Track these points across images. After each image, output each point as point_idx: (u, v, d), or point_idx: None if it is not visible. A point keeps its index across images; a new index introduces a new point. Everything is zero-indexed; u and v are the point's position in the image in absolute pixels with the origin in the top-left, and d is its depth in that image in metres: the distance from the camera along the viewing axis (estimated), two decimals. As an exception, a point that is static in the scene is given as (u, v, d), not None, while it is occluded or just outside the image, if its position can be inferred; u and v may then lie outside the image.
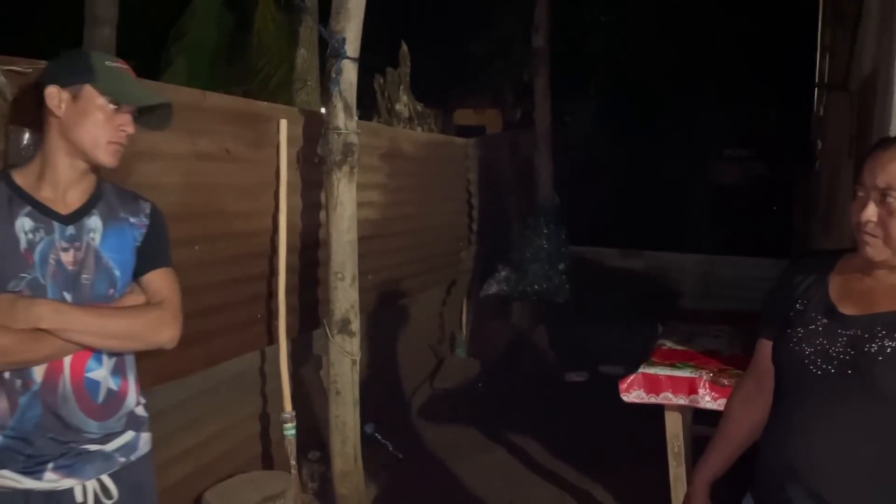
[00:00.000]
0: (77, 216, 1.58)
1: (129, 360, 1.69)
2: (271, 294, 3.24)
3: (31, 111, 1.68)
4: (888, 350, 1.33)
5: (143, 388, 1.79)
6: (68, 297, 1.54)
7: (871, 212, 1.37)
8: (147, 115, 1.69)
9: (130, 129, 1.62)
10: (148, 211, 1.72)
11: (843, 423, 1.36)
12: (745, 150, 9.93)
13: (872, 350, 1.34)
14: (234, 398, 3.21)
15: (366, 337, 3.75)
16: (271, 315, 3.25)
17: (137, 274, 1.68)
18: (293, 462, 3.16)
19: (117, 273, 1.62)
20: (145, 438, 1.73)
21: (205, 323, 2.86)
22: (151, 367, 2.48)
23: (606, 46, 10.10)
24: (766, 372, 1.60)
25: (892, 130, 2.33)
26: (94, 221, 1.60)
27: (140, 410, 1.72)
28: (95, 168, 1.61)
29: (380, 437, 4.11)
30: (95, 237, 1.59)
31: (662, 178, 9.40)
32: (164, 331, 1.65)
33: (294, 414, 3.19)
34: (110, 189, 1.68)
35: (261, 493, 2.90)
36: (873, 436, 1.34)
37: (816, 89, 5.76)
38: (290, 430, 3.17)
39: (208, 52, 6.70)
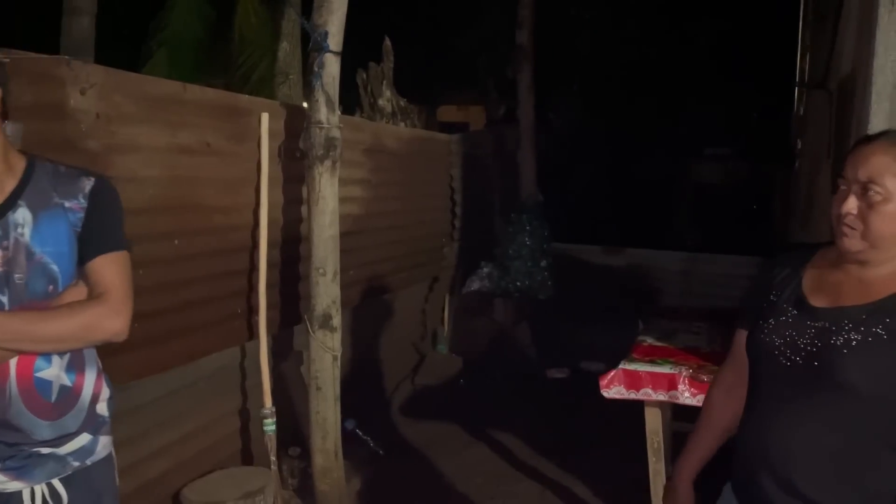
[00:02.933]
0: (3, 212, 1.45)
1: (88, 354, 1.57)
2: (252, 289, 3.22)
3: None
4: (853, 343, 1.36)
5: (121, 382, 1.73)
6: (3, 299, 1.44)
7: (851, 204, 1.39)
8: None
9: None
10: (88, 189, 1.52)
11: (810, 413, 1.39)
12: (726, 148, 10.01)
13: (838, 343, 1.37)
14: (214, 394, 3.18)
15: (347, 332, 3.73)
16: (252, 310, 3.22)
17: (81, 260, 1.52)
18: (273, 458, 3.14)
19: (55, 268, 1.48)
20: (104, 442, 1.61)
21: (184, 318, 2.84)
22: (129, 361, 2.46)
23: (590, 44, 10.13)
24: (743, 362, 1.62)
25: (871, 130, 2.35)
26: (22, 214, 1.46)
27: (101, 408, 1.60)
28: (19, 151, 1.49)
29: (361, 433, 4.10)
30: (24, 232, 1.45)
31: (645, 176, 9.45)
32: (105, 326, 1.49)
33: (274, 410, 3.17)
34: (46, 171, 1.51)
35: (240, 489, 2.88)
36: (838, 426, 1.37)
37: (797, 89, 5.81)
38: (270, 425, 3.15)
39: (189, 45, 6.62)
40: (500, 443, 4.29)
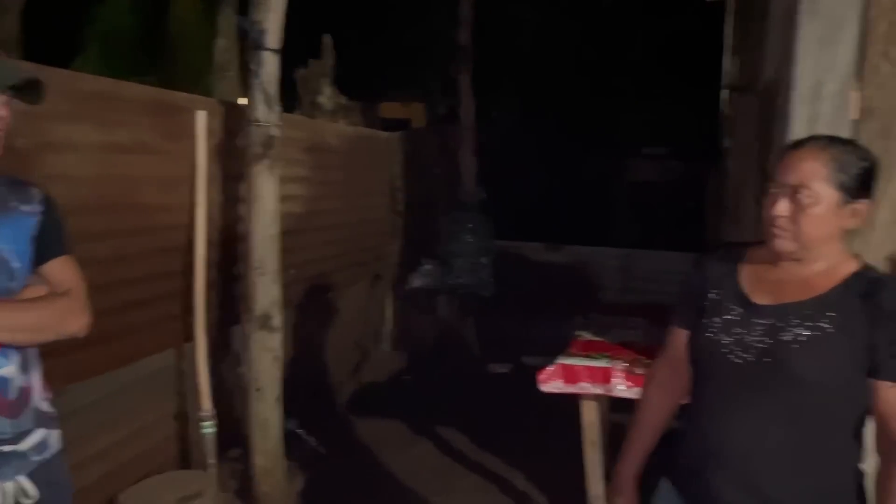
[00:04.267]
0: None
1: (34, 355, 1.63)
2: (189, 290, 3.17)
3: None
4: (802, 338, 1.40)
5: (57, 386, 1.73)
6: None
7: (782, 207, 1.44)
8: (25, 93, 1.57)
9: (3, 112, 1.52)
10: (40, 198, 1.63)
11: (763, 409, 1.43)
12: (661, 147, 10.27)
13: (787, 338, 1.41)
14: (151, 396, 3.12)
15: (289, 332, 3.71)
16: (189, 311, 3.17)
17: (37, 263, 1.60)
18: (212, 461, 3.11)
19: (16, 265, 1.55)
20: (56, 436, 1.68)
21: (120, 319, 2.79)
22: (65, 364, 2.39)
23: (530, 44, 10.25)
24: (679, 359, 1.66)
25: (793, 134, 2.45)
26: None
27: (46, 406, 1.66)
28: None
29: (303, 433, 4.08)
30: None
31: (584, 174, 9.63)
32: (73, 320, 1.60)
33: (213, 412, 3.14)
34: None
35: (178, 494, 2.84)
36: (792, 420, 1.41)
37: (723, 90, 6.00)
38: (208, 428, 3.12)
39: (123, 40, 6.46)
40: (444, 438, 4.33)
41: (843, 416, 1.43)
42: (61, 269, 1.63)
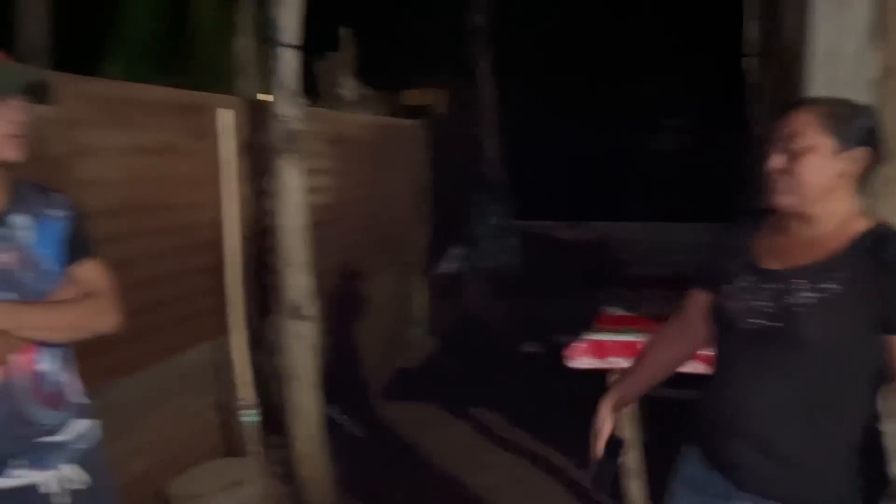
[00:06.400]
0: (5, 216, 1.57)
1: (69, 352, 1.71)
2: (224, 284, 3.25)
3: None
4: (809, 300, 1.40)
5: (98, 383, 1.81)
6: (10, 296, 1.54)
7: (776, 160, 1.45)
8: (37, 95, 1.62)
9: (18, 116, 1.54)
10: (67, 203, 1.71)
11: (774, 373, 1.44)
12: (683, 118, 10.14)
13: (795, 302, 1.42)
14: (193, 389, 3.22)
15: (324, 320, 3.78)
16: (224, 305, 3.26)
17: (68, 266, 1.68)
18: (255, 449, 3.20)
19: (49, 268, 1.63)
20: (94, 425, 1.76)
21: (157, 316, 2.87)
22: (109, 361, 2.49)
23: (546, 21, 10.17)
24: (690, 319, 1.70)
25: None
26: (22, 219, 1.60)
27: (83, 399, 1.74)
28: (7, 165, 1.58)
29: (342, 419, 4.17)
30: (26, 235, 1.59)
31: (606, 150, 9.57)
32: (105, 318, 1.69)
33: (254, 401, 3.23)
34: (26, 186, 1.67)
35: (224, 481, 2.93)
36: (803, 383, 1.42)
37: (747, 57, 5.91)
38: (250, 417, 3.21)
39: (145, 42, 6.55)
40: (479, 419, 4.39)
41: (856, 376, 1.43)
42: (91, 271, 1.71)
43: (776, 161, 1.45)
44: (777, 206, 1.48)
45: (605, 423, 1.76)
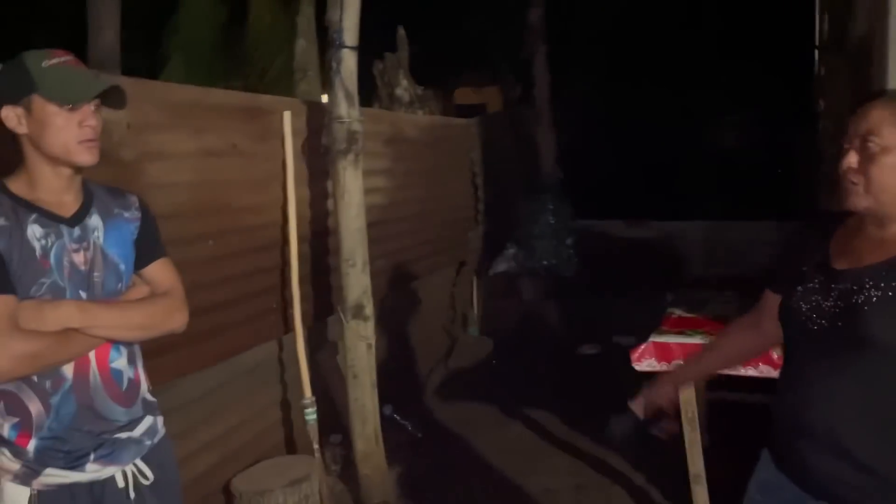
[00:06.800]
0: (79, 217, 1.61)
1: (138, 350, 1.76)
2: (285, 284, 3.30)
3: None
4: (873, 300, 1.37)
5: (165, 381, 1.85)
6: (84, 295, 1.59)
7: (851, 159, 1.40)
8: (111, 100, 1.64)
9: (93, 121, 1.57)
10: (138, 204, 1.76)
11: (841, 374, 1.41)
12: (745, 113, 9.88)
13: (859, 301, 1.38)
14: (255, 387, 3.28)
15: (379, 321, 3.81)
16: (286, 304, 3.31)
17: (139, 266, 1.73)
18: (316, 446, 3.23)
19: (122, 267, 1.68)
20: (160, 421, 1.81)
21: (222, 315, 2.93)
22: (172, 360, 2.55)
23: (603, 16, 10.03)
24: (764, 318, 1.68)
25: (890, 90, 2.34)
26: (95, 220, 1.64)
27: (150, 396, 1.79)
28: (79, 168, 1.61)
29: (398, 418, 4.19)
30: (99, 235, 1.64)
31: (664, 146, 9.39)
32: (175, 317, 1.74)
33: (314, 399, 3.26)
34: (97, 187, 1.71)
35: (287, 477, 2.97)
36: (870, 383, 1.38)
37: (816, 50, 5.73)
38: (311, 415, 3.24)
39: (204, 47, 6.71)
40: (535, 420, 4.36)
41: None
42: (161, 271, 1.76)
43: (850, 161, 1.40)
44: (851, 208, 1.44)
45: (658, 393, 1.80)
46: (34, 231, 1.53)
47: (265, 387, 3.38)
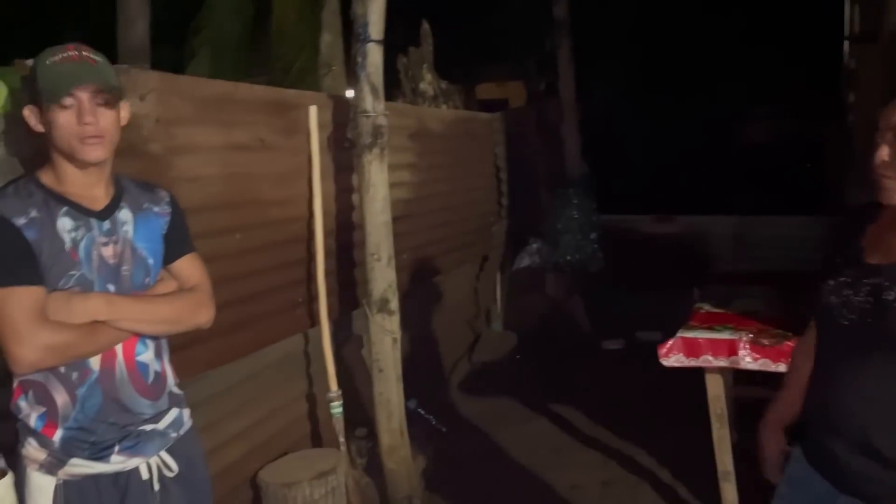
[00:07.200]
0: (109, 210, 1.63)
1: (165, 344, 1.77)
2: (311, 278, 3.31)
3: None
4: None
5: (193, 374, 1.87)
6: (112, 288, 1.61)
7: (883, 153, 1.38)
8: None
9: (92, 118, 1.52)
10: (168, 199, 1.77)
11: (870, 370, 1.39)
12: (773, 106, 9.74)
13: (889, 298, 1.36)
14: (281, 380, 3.30)
15: (404, 315, 3.82)
16: (312, 298, 3.32)
17: (167, 261, 1.75)
18: (342, 439, 3.25)
19: (151, 262, 1.69)
20: (187, 414, 1.82)
21: (248, 309, 2.94)
22: (200, 354, 2.57)
23: (628, 9, 9.94)
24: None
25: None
26: (125, 214, 1.66)
27: (177, 389, 1.80)
28: (100, 163, 1.59)
29: (423, 412, 4.19)
30: (129, 229, 1.65)
31: (692, 140, 9.29)
32: (202, 312, 1.75)
33: (340, 393, 3.27)
34: (128, 181, 1.73)
35: (313, 470, 2.99)
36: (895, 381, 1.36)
37: (846, 41, 5.63)
38: (336, 408, 3.26)
39: (229, 42, 6.74)
40: (559, 415, 4.34)
41: None
42: (189, 266, 1.78)
43: (882, 154, 1.38)
44: (884, 202, 1.41)
45: (770, 443, 1.73)
46: (64, 224, 1.55)
47: (291, 380, 3.40)
